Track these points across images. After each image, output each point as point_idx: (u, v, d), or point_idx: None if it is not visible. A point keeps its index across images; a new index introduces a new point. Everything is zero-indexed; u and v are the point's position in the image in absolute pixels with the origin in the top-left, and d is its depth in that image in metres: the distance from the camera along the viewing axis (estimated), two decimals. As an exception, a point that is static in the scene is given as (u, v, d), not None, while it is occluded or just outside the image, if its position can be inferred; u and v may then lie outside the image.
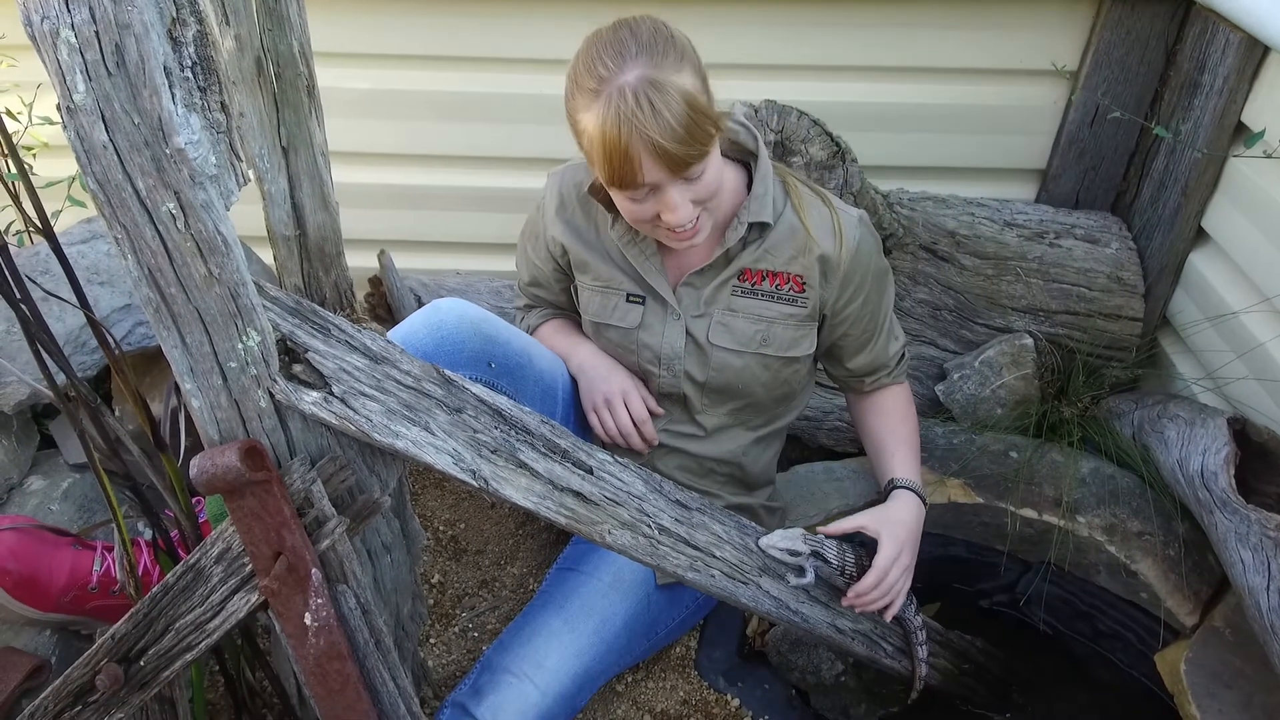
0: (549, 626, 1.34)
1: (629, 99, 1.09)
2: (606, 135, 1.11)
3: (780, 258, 1.33)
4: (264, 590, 0.97)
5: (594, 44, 1.14)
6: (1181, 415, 1.63)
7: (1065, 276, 1.91)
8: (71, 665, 1.06)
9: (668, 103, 1.09)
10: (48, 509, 1.47)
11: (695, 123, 1.10)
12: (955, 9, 1.88)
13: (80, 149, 0.76)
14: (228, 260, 0.84)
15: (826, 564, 1.32)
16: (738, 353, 1.36)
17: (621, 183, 1.15)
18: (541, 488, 1.10)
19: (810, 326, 1.38)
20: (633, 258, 1.35)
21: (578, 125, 1.17)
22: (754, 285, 1.35)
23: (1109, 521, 1.60)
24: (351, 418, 0.97)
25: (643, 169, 1.12)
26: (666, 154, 1.10)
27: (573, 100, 1.16)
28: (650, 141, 1.09)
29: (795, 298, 1.35)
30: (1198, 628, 1.50)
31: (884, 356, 1.47)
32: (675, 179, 1.15)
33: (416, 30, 1.92)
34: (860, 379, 1.48)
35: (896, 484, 1.42)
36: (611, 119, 1.10)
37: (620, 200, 1.21)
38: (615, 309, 1.40)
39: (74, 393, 1.03)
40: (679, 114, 1.09)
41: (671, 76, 1.10)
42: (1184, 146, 1.80)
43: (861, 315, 1.40)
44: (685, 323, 1.37)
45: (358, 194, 2.11)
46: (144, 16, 0.71)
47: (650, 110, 1.08)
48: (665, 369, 1.39)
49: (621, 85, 1.09)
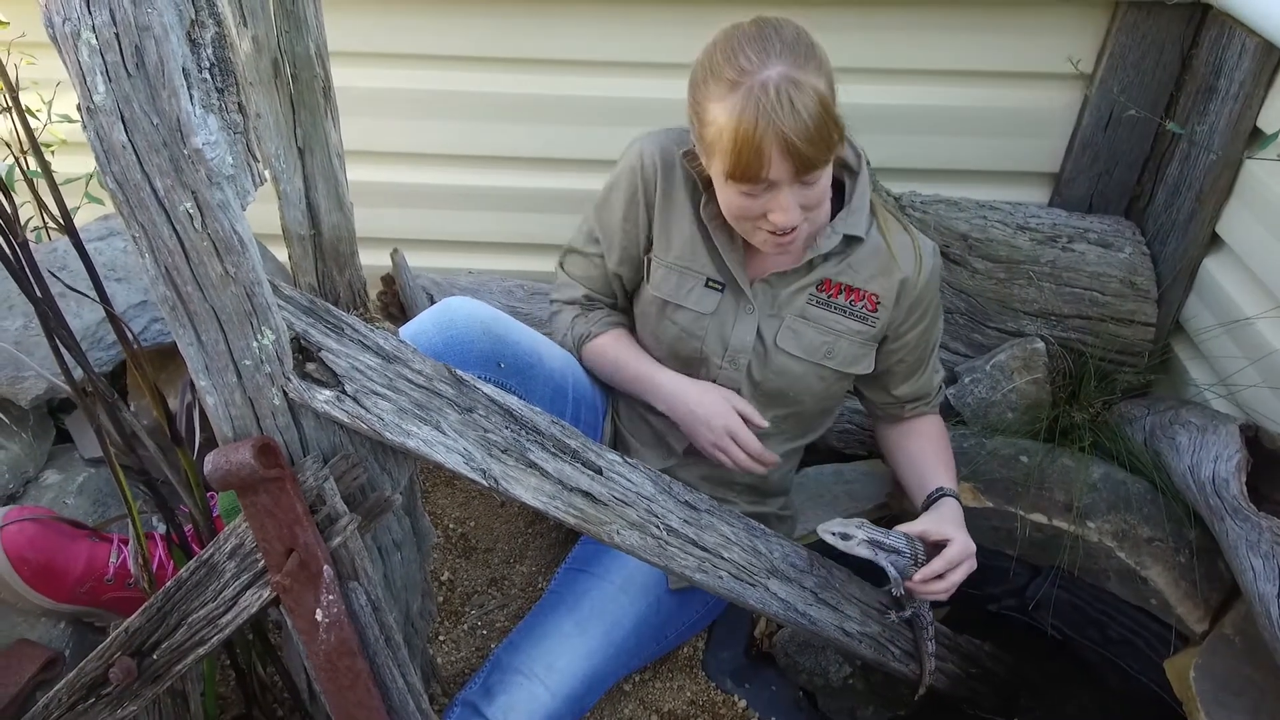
0: (560, 628, 1.35)
1: (770, 93, 1.09)
2: (741, 126, 1.11)
3: (861, 275, 1.34)
4: (276, 586, 0.98)
5: (735, 36, 1.15)
6: (1193, 421, 1.63)
7: (1078, 281, 1.90)
8: (85, 658, 1.07)
9: (806, 103, 1.10)
10: (63, 503, 1.48)
11: (827, 127, 1.12)
12: (968, 11, 1.88)
13: (99, 149, 0.77)
14: (243, 259, 0.85)
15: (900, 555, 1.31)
16: (800, 360, 1.36)
17: (744, 176, 1.14)
18: (551, 487, 1.11)
19: (873, 347, 1.39)
20: (720, 242, 1.34)
21: (705, 114, 1.16)
22: (830, 297, 1.35)
23: (1119, 527, 1.59)
24: (364, 416, 0.98)
25: (770, 165, 1.12)
26: (797, 153, 1.11)
27: (703, 87, 1.16)
28: (784, 138, 1.10)
29: (867, 316, 1.36)
30: (1207, 635, 1.50)
31: (929, 386, 1.48)
32: (796, 180, 1.15)
33: (433, 30, 1.93)
34: (901, 405, 1.49)
35: (945, 492, 1.42)
36: (750, 111, 1.10)
37: (730, 194, 1.20)
38: (691, 291, 1.37)
39: (91, 388, 1.04)
40: (815, 115, 1.10)
41: (811, 78, 1.11)
42: (1199, 151, 1.79)
43: (919, 344, 1.42)
44: (758, 319, 1.36)
45: (371, 192, 2.12)
46: (164, 19, 0.72)
47: (790, 107, 1.09)
48: (729, 361, 1.38)
49: (764, 79, 1.10)
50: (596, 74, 1.98)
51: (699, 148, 1.23)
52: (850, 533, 1.30)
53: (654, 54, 1.94)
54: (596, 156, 2.09)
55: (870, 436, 1.68)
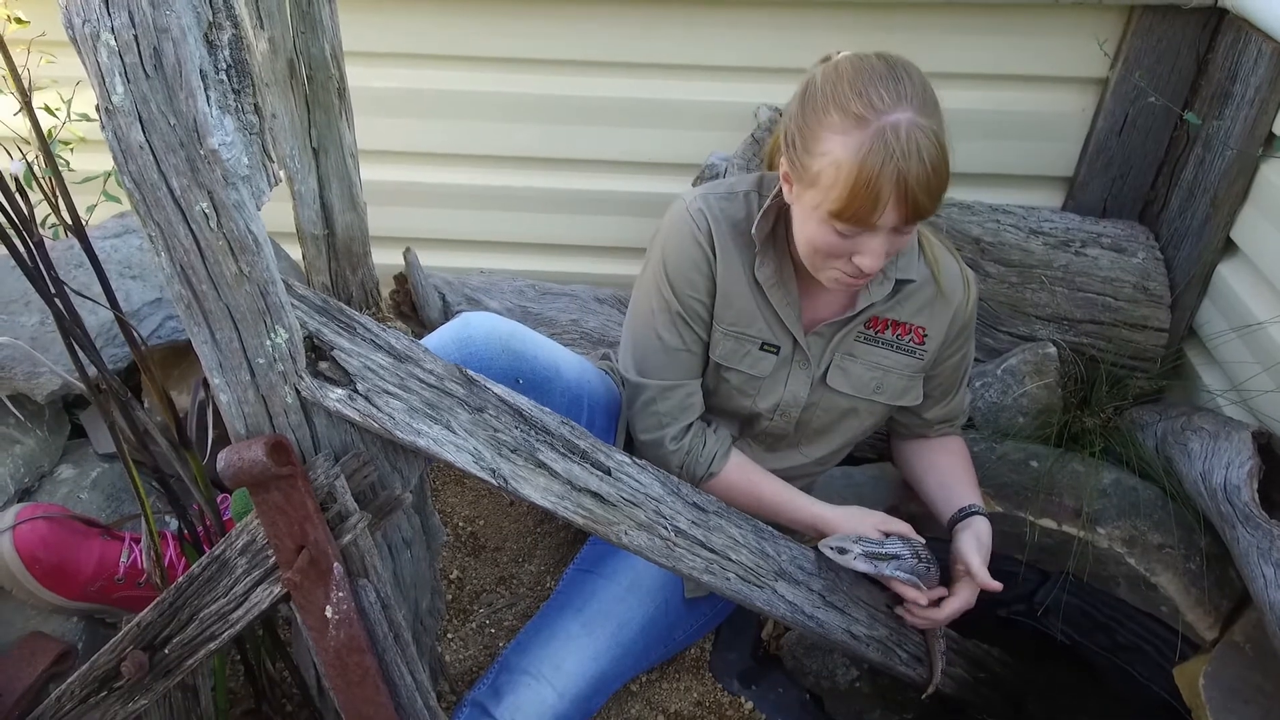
0: (567, 630, 1.35)
1: (901, 137, 1.04)
2: (865, 167, 1.05)
3: (908, 309, 1.33)
4: (286, 583, 0.99)
5: (864, 70, 1.09)
6: (1206, 428, 1.62)
7: (1090, 285, 1.89)
8: (98, 652, 1.08)
9: (932, 155, 1.06)
10: (77, 498, 1.50)
11: (944, 178, 1.09)
12: (984, 15, 1.87)
13: (117, 149, 0.78)
14: (258, 259, 0.86)
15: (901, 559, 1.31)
16: (850, 396, 1.36)
17: (854, 217, 1.09)
18: (560, 488, 1.11)
19: (920, 378, 1.38)
20: (776, 301, 1.30)
21: (818, 144, 1.10)
22: (878, 333, 1.34)
23: (1130, 533, 1.59)
24: (375, 415, 0.99)
25: (884, 210, 1.08)
26: (914, 202, 1.07)
27: (824, 118, 1.09)
28: (906, 185, 1.05)
29: (915, 349, 1.35)
30: (1217, 642, 1.49)
31: (959, 408, 1.48)
32: (900, 229, 1.12)
33: (449, 30, 1.94)
34: (930, 426, 1.48)
35: (975, 510, 1.41)
36: (878, 152, 1.05)
37: (823, 231, 1.14)
38: (746, 355, 1.34)
39: (105, 385, 1.05)
40: (938, 168, 1.07)
41: (940, 133, 1.08)
42: (1214, 155, 1.78)
43: (957, 368, 1.41)
44: (812, 372, 1.35)
45: (385, 191, 2.13)
46: (181, 21, 0.73)
47: (917, 155, 1.05)
48: (780, 415, 1.37)
49: (896, 122, 1.05)
50: (612, 75, 1.99)
51: (794, 175, 1.16)
52: (847, 547, 1.31)
53: (670, 56, 1.95)
54: (610, 157, 2.10)
55: (880, 441, 1.67)
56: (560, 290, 2.12)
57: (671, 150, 2.06)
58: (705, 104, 1.99)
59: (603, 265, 2.26)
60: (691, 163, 2.01)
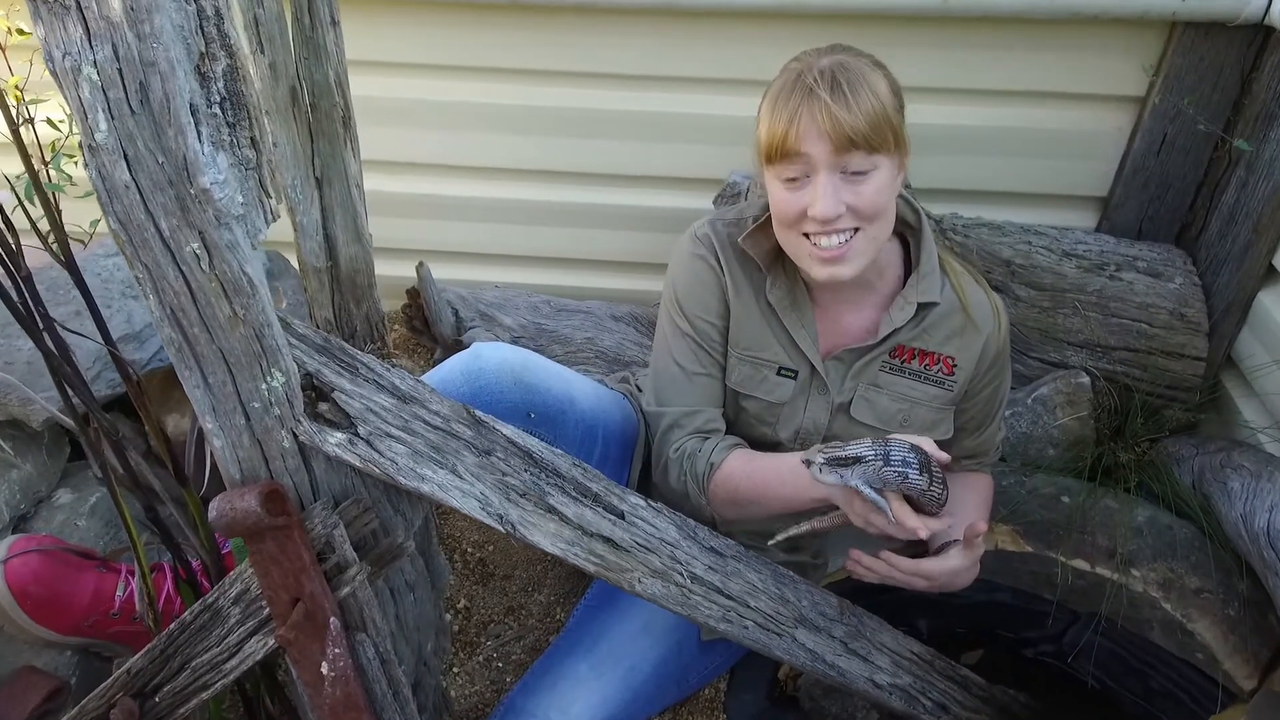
0: (575, 672, 1.30)
1: (813, 71, 1.10)
2: (779, 94, 1.11)
3: (935, 338, 1.27)
4: (280, 639, 0.94)
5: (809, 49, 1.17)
6: (1246, 466, 1.55)
7: (1125, 311, 1.82)
8: (87, 696, 1.04)
9: (850, 80, 1.08)
10: (74, 524, 1.45)
11: (873, 110, 1.08)
12: (1019, 31, 1.80)
13: (101, 188, 0.73)
14: (253, 301, 0.81)
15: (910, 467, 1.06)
16: (875, 429, 1.29)
17: (782, 150, 1.11)
18: (570, 533, 1.06)
19: (950, 410, 1.32)
20: (789, 323, 1.27)
21: (760, 116, 1.16)
22: (904, 363, 1.28)
23: (1165, 576, 1.52)
24: (376, 460, 0.94)
25: (804, 135, 1.09)
26: (832, 122, 1.07)
27: (768, 91, 1.16)
28: (823, 107, 1.07)
29: (943, 380, 1.29)
30: (1255, 692, 1.42)
31: (990, 443, 1.40)
32: (832, 161, 1.09)
33: (459, 41, 1.89)
34: (957, 460, 1.40)
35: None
36: (791, 82, 1.11)
37: (775, 189, 1.16)
38: (763, 381, 1.30)
39: (95, 425, 1.01)
40: (858, 92, 1.08)
41: (865, 69, 1.10)
42: (1258, 179, 1.71)
43: (990, 400, 1.35)
44: (832, 398, 1.29)
45: (397, 204, 2.08)
46: (170, 54, 0.68)
47: (830, 81, 1.08)
48: (800, 444, 1.31)
49: (814, 63, 1.11)
50: (632, 88, 1.93)
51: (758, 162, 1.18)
52: (812, 458, 1.09)
53: (687, 69, 1.89)
54: (630, 171, 2.04)
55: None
56: (576, 306, 2.06)
57: (693, 165, 2.01)
58: (728, 119, 1.93)
59: (621, 280, 2.21)
60: (714, 178, 1.96)
